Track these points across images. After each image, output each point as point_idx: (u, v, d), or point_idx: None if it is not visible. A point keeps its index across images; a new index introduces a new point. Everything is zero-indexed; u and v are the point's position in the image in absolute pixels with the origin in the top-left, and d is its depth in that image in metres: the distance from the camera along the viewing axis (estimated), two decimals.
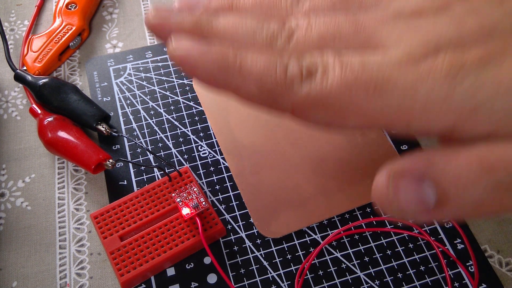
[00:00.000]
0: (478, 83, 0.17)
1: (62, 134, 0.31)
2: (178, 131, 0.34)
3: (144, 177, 0.32)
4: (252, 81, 0.20)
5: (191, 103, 0.36)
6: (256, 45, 0.21)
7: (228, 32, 0.22)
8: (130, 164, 0.33)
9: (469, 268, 0.28)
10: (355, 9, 0.22)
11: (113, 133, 0.33)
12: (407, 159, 0.19)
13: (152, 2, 0.43)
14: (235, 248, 0.29)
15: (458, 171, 0.17)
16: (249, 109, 0.35)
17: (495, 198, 0.17)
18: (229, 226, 0.30)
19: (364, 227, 0.30)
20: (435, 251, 0.29)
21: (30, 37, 0.39)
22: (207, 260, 0.29)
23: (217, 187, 0.32)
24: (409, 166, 0.18)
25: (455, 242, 0.29)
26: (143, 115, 0.35)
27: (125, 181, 0.32)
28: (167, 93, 0.36)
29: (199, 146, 0.34)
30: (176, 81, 0.37)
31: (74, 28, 0.39)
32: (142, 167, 0.32)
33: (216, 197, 0.31)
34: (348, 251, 0.29)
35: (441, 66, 0.18)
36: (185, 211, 0.28)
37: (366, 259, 0.29)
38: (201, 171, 0.32)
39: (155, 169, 0.32)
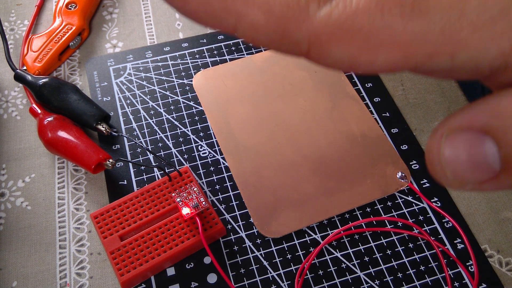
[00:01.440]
0: None
1: (62, 134, 0.31)
2: (178, 131, 0.34)
3: (144, 177, 0.32)
4: (257, 5, 0.16)
5: (191, 103, 0.36)
6: None
7: None
8: (130, 164, 0.33)
9: (469, 268, 0.28)
10: None
11: (113, 133, 0.33)
12: (465, 111, 0.15)
13: (152, 2, 0.43)
14: (235, 248, 0.29)
15: None
16: (249, 109, 0.35)
17: None
18: (229, 226, 0.30)
19: (364, 227, 0.30)
20: (435, 251, 0.29)
21: (30, 37, 0.39)
22: (207, 260, 0.29)
23: (217, 186, 0.32)
24: (467, 120, 0.15)
25: (455, 242, 0.29)
26: (143, 115, 0.35)
27: (125, 181, 0.32)
28: (167, 93, 0.36)
29: (199, 146, 0.34)
30: (176, 81, 0.37)
31: (74, 28, 0.39)
32: (142, 167, 0.32)
33: (216, 197, 0.31)
34: (348, 251, 0.29)
35: None
36: (185, 211, 0.28)
37: (366, 259, 0.29)
38: (201, 171, 0.32)
39: (155, 169, 0.32)
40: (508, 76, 0.15)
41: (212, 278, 0.28)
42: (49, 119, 0.32)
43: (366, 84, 0.37)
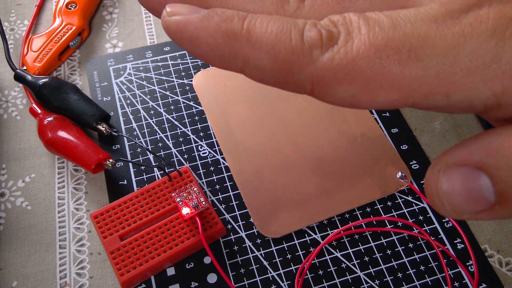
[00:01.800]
0: None
1: (62, 134, 0.31)
2: (178, 130, 0.34)
3: (144, 176, 0.32)
4: (264, 50, 0.17)
5: (191, 103, 0.36)
6: (265, 7, 0.18)
7: None
8: (130, 164, 0.33)
9: (469, 268, 0.28)
10: None
11: (113, 133, 0.33)
12: (460, 148, 0.16)
13: None
14: (235, 247, 0.29)
15: None
16: (249, 109, 0.35)
17: None
18: (229, 226, 0.30)
19: (364, 226, 0.30)
20: (435, 250, 0.29)
21: (30, 36, 0.39)
22: (207, 259, 0.29)
23: (217, 186, 0.32)
24: (463, 156, 0.15)
25: (455, 241, 0.29)
26: (143, 115, 0.35)
27: (125, 180, 0.32)
28: (167, 92, 0.36)
29: (199, 146, 0.34)
30: (176, 81, 0.37)
31: (74, 27, 0.39)
32: (142, 167, 0.32)
33: (216, 197, 0.31)
34: (348, 251, 0.29)
35: (486, 21, 0.15)
36: (185, 210, 0.28)
37: (366, 258, 0.29)
38: (201, 171, 0.32)
39: (155, 169, 0.32)
40: (502, 113, 0.16)
41: (212, 278, 0.28)
42: (49, 119, 0.32)
43: None
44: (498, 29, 0.15)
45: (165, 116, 0.35)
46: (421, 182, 0.32)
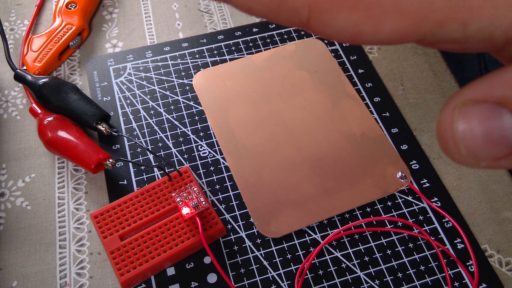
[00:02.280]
0: None
1: (62, 133, 0.31)
2: (178, 130, 0.34)
3: (144, 176, 0.32)
4: None
5: (191, 103, 0.36)
6: None
7: None
8: (130, 164, 0.33)
9: (469, 267, 0.28)
10: None
11: (113, 133, 0.33)
12: (480, 83, 0.13)
13: (152, 2, 0.43)
14: (235, 247, 0.29)
15: None
16: (249, 108, 0.35)
17: None
18: (229, 226, 0.30)
19: (364, 226, 0.30)
20: (435, 250, 0.29)
21: (30, 36, 0.39)
22: (207, 259, 0.29)
23: (217, 186, 0.32)
24: (482, 92, 0.13)
25: (455, 241, 0.29)
26: (143, 115, 0.35)
27: (125, 180, 0.32)
28: (167, 92, 0.36)
29: (199, 146, 0.34)
30: (176, 81, 0.37)
31: (74, 27, 0.39)
32: (142, 167, 0.32)
33: (216, 197, 0.31)
34: (348, 251, 0.29)
35: None
36: (185, 210, 0.28)
37: (366, 258, 0.29)
38: (201, 171, 0.32)
39: (155, 169, 0.32)
40: None
41: (212, 278, 0.28)
42: (49, 119, 0.32)
43: (366, 84, 0.37)
44: None
45: (165, 116, 0.35)
46: (421, 182, 0.32)
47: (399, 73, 0.38)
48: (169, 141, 0.34)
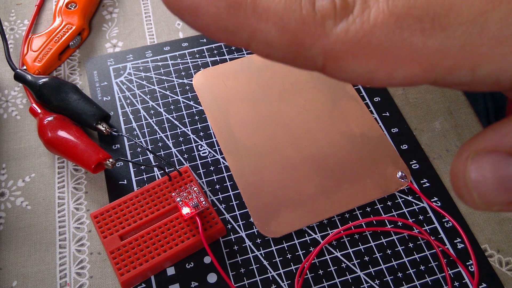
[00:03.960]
0: None
1: (62, 133, 0.31)
2: (178, 130, 0.34)
3: (144, 176, 0.32)
4: (271, 21, 0.15)
5: (191, 103, 0.36)
6: None
7: None
8: (130, 164, 0.33)
9: (469, 267, 0.28)
10: None
11: (113, 133, 0.33)
12: (490, 132, 0.14)
13: (152, 2, 0.43)
14: (235, 247, 0.29)
15: None
16: (249, 108, 0.35)
17: None
18: (229, 226, 0.30)
19: (364, 226, 0.30)
20: (435, 250, 0.29)
21: (30, 36, 0.39)
22: (207, 259, 0.29)
23: (217, 186, 0.32)
24: (493, 141, 0.14)
25: (455, 241, 0.29)
26: (143, 115, 0.35)
27: (125, 180, 0.32)
28: (167, 92, 0.36)
29: (199, 146, 0.34)
30: (176, 81, 0.37)
31: (74, 27, 0.39)
32: (142, 167, 0.32)
33: (216, 197, 0.31)
34: (348, 251, 0.29)
35: None
36: (185, 210, 0.28)
37: (366, 258, 0.29)
38: (201, 171, 0.32)
39: (155, 169, 0.32)
40: None
41: (212, 278, 0.28)
42: (49, 118, 0.32)
43: None
44: None
45: (165, 115, 0.35)
46: (421, 182, 0.32)
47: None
48: (169, 141, 0.34)
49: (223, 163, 0.33)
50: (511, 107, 0.14)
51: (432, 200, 0.31)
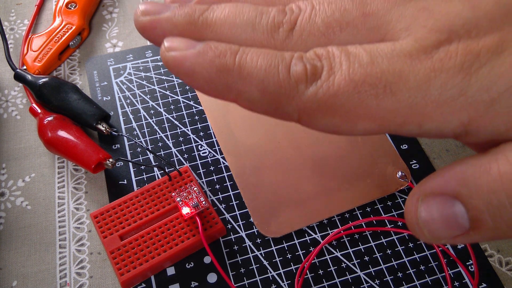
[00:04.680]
0: (495, 73, 0.16)
1: (62, 133, 0.31)
2: (178, 130, 0.34)
3: (144, 176, 0.32)
4: (254, 85, 0.18)
5: (191, 103, 0.36)
6: (256, 37, 0.19)
7: (225, 25, 0.20)
8: (130, 164, 0.33)
9: (469, 267, 0.28)
10: None
11: (113, 133, 0.33)
12: (436, 178, 0.17)
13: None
14: (235, 247, 0.29)
15: (491, 187, 0.16)
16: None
17: None
18: (229, 226, 0.30)
19: (364, 226, 0.30)
20: (435, 250, 0.29)
21: (30, 36, 0.39)
22: (207, 259, 0.29)
23: (217, 186, 0.32)
24: (439, 186, 0.17)
25: None
26: (143, 115, 0.35)
27: (125, 180, 0.32)
28: (167, 92, 0.36)
29: (199, 146, 0.34)
30: (176, 81, 0.37)
31: (74, 27, 0.39)
32: (142, 167, 0.32)
33: (216, 197, 0.31)
34: (348, 251, 0.29)
35: (455, 56, 0.16)
36: (185, 210, 0.28)
37: (366, 258, 0.29)
38: (201, 171, 0.32)
39: (155, 169, 0.32)
40: (470, 139, 0.17)
41: (212, 278, 0.28)
42: (49, 118, 0.32)
43: None
44: (465, 64, 0.16)
45: (165, 115, 0.35)
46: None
47: None
48: (169, 140, 0.34)
49: (223, 163, 0.33)
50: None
51: None
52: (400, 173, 0.32)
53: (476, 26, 0.17)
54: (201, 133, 0.34)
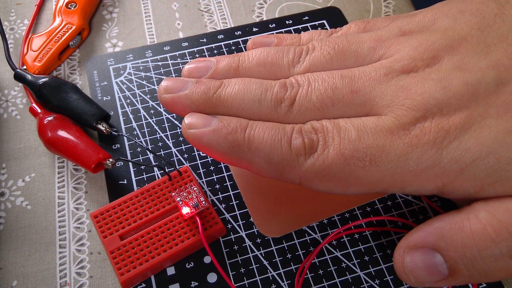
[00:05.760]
0: (463, 147, 0.19)
1: (62, 133, 0.31)
2: (178, 130, 0.34)
3: (144, 176, 0.32)
4: (261, 157, 0.22)
5: None
6: (262, 111, 0.23)
7: (235, 101, 0.23)
8: (130, 163, 0.33)
9: None
10: (351, 63, 0.23)
11: (113, 132, 0.33)
12: (418, 232, 0.20)
13: (152, 1, 0.43)
14: (235, 247, 0.29)
15: (465, 243, 0.19)
16: None
17: (505, 266, 0.18)
18: (229, 225, 0.30)
19: (364, 226, 0.30)
20: None
21: (30, 36, 0.39)
22: (207, 259, 0.29)
23: (217, 186, 0.32)
24: (421, 240, 0.20)
25: None
26: (143, 114, 0.35)
27: (125, 180, 0.32)
28: None
29: None
30: None
31: (74, 27, 0.39)
32: (142, 166, 0.32)
33: (216, 196, 0.31)
34: (348, 250, 0.29)
35: (429, 133, 0.19)
36: (185, 210, 0.28)
37: (366, 258, 0.29)
38: (201, 170, 0.32)
39: (155, 168, 0.32)
40: (446, 197, 0.21)
41: (212, 278, 0.28)
42: (49, 118, 0.32)
43: None
44: (437, 140, 0.19)
45: (165, 115, 0.35)
46: None
47: None
48: (169, 140, 0.34)
49: (223, 163, 0.33)
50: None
51: (432, 200, 0.31)
52: None
53: (446, 105, 0.20)
54: None
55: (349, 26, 0.27)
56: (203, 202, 0.29)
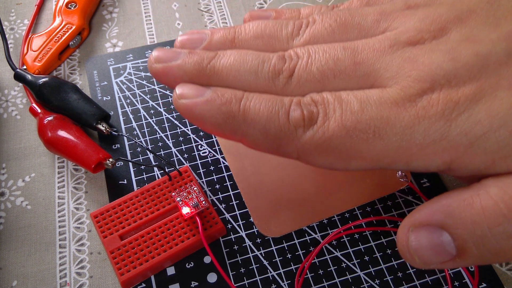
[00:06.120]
0: (473, 120, 0.18)
1: (62, 133, 0.31)
2: (178, 130, 0.34)
3: (144, 176, 0.32)
4: (257, 128, 0.20)
5: None
6: (259, 83, 0.21)
7: (230, 72, 0.22)
8: (130, 163, 0.33)
9: (469, 267, 0.28)
10: (354, 36, 0.22)
11: (113, 132, 0.33)
12: (424, 210, 0.19)
13: (152, 1, 0.43)
14: (235, 247, 0.29)
15: (474, 220, 0.17)
16: None
17: None
18: (229, 225, 0.30)
19: (364, 226, 0.30)
20: None
21: (30, 36, 0.39)
22: (207, 259, 0.29)
23: (217, 186, 0.32)
24: (426, 218, 0.19)
25: None
26: (143, 114, 0.35)
27: (125, 180, 0.32)
28: (167, 92, 0.36)
29: (199, 145, 0.34)
30: None
31: (74, 27, 0.39)
32: (142, 166, 0.32)
33: (216, 196, 0.31)
34: (348, 250, 0.29)
35: (437, 104, 0.18)
36: (185, 210, 0.28)
37: (366, 258, 0.29)
38: (201, 170, 0.32)
39: (155, 168, 0.32)
40: (453, 174, 0.19)
41: (212, 278, 0.28)
42: (49, 118, 0.32)
43: None
44: (446, 111, 0.18)
45: (165, 115, 0.35)
46: (421, 181, 0.32)
47: None
48: (169, 140, 0.34)
49: (223, 163, 0.33)
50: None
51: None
52: (400, 173, 0.32)
53: (455, 76, 0.18)
54: (201, 133, 0.34)
55: (352, 0, 0.26)
56: (203, 202, 0.29)
